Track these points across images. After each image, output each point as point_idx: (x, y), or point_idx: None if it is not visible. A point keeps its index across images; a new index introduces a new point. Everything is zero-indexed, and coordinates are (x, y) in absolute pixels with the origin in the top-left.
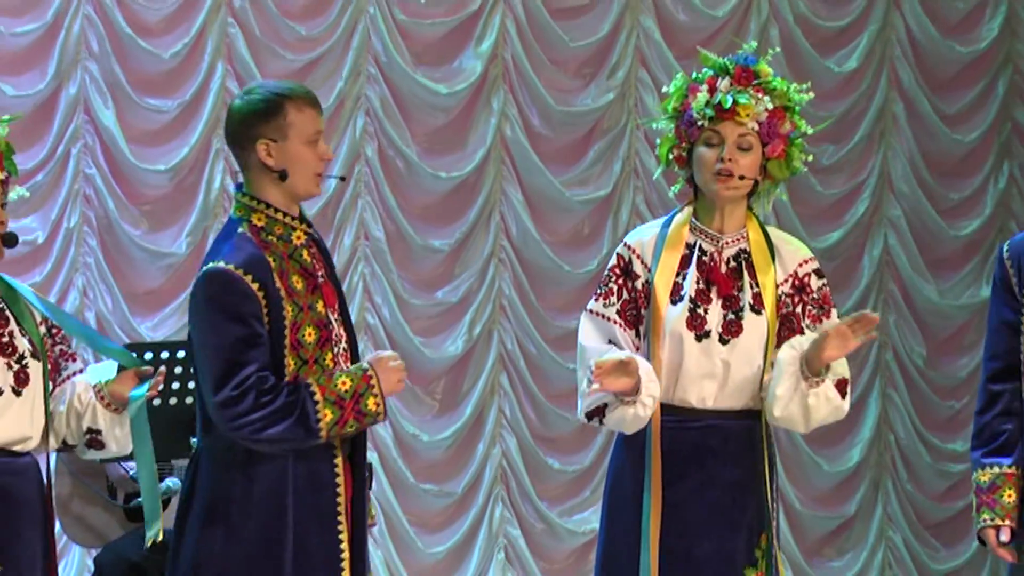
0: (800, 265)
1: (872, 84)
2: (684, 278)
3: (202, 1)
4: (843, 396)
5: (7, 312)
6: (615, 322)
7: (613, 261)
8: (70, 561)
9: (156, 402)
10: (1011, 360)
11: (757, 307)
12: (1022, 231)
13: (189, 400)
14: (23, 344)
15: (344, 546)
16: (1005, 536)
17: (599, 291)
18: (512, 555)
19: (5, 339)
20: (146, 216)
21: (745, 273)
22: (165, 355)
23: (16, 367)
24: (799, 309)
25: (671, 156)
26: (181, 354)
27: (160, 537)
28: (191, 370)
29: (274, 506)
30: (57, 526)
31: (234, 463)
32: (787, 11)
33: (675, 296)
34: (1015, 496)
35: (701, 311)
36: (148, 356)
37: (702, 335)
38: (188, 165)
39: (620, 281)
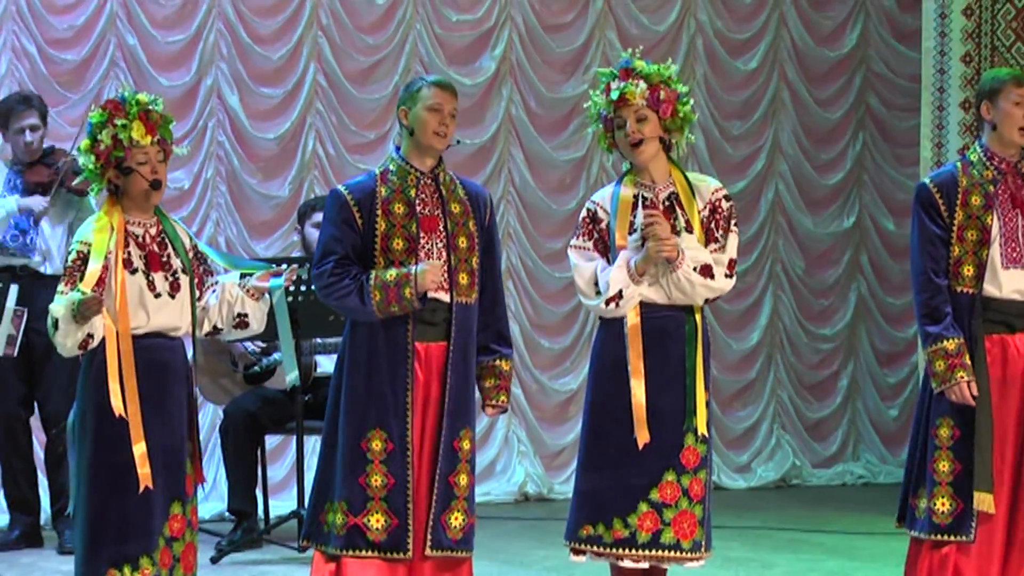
0: (713, 193)
1: (767, 78)
2: (635, 217)
3: (299, 19)
4: (708, 277)
5: (167, 240)
6: (592, 250)
7: (584, 213)
8: (206, 412)
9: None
10: (942, 264)
11: (689, 229)
12: (938, 171)
13: (288, 299)
14: (177, 263)
15: (410, 397)
16: (975, 389)
17: (577, 232)
18: (515, 406)
19: (165, 259)
20: (260, 170)
21: (676, 208)
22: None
23: (171, 279)
24: (712, 225)
25: (607, 144)
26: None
27: (298, 382)
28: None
29: (363, 362)
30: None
31: (350, 331)
32: (708, 27)
33: (631, 230)
34: (970, 360)
35: None
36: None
37: None
38: (289, 135)
39: (591, 226)
